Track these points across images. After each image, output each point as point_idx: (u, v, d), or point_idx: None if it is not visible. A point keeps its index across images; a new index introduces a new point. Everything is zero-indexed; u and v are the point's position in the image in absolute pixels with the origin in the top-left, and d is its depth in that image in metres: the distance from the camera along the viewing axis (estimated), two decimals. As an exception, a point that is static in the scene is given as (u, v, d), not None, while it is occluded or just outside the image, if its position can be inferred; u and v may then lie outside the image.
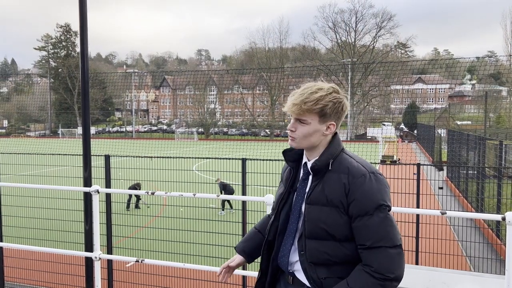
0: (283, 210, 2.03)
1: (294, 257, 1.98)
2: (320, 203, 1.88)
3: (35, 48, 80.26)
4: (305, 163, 2.00)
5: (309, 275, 1.91)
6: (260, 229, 2.28)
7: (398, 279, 1.81)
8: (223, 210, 13.41)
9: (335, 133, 2.00)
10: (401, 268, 1.82)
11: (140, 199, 14.23)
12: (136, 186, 13.58)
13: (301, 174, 2.02)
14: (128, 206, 13.78)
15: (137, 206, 14.07)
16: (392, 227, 1.83)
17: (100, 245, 4.08)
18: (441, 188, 16.78)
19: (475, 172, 12.89)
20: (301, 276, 1.96)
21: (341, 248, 1.86)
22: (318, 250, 1.88)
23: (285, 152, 2.06)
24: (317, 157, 1.94)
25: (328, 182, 1.88)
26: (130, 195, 13.84)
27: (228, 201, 13.35)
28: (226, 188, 13.46)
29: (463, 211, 12.64)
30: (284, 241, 2.01)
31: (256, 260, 2.31)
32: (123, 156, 8.22)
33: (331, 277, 1.88)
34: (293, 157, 2.04)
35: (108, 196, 6.04)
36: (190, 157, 7.40)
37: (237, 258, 2.26)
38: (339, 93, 1.95)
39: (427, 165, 7.44)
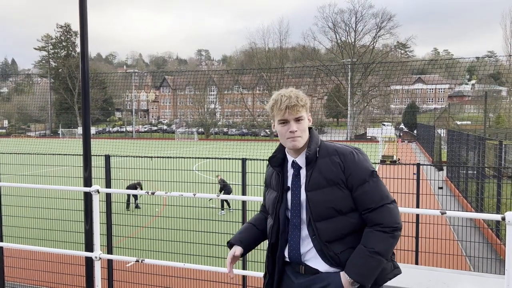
0: (281, 210, 2.22)
1: (305, 246, 2.16)
2: (321, 186, 2.10)
3: (35, 48, 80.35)
4: (293, 160, 2.21)
5: (325, 254, 2.10)
6: (254, 223, 2.44)
7: (401, 227, 2.14)
8: (222, 209, 13.43)
9: (311, 128, 2.24)
10: (400, 217, 2.14)
11: (137, 199, 14.20)
12: (137, 185, 13.58)
13: (291, 173, 2.22)
14: (128, 206, 13.78)
15: (137, 206, 14.06)
16: (384, 186, 2.14)
17: (100, 245, 4.08)
18: (441, 188, 16.79)
19: (475, 172, 12.89)
20: (314, 263, 2.14)
21: (348, 220, 2.10)
22: (330, 228, 2.09)
23: (270, 160, 2.28)
24: (305, 150, 2.17)
25: (322, 167, 2.12)
26: (129, 195, 13.83)
27: (226, 200, 13.39)
28: (225, 188, 13.49)
29: (463, 211, 12.64)
30: (290, 237, 2.19)
31: (255, 259, 2.34)
32: (123, 156, 8.22)
33: (345, 250, 2.10)
34: (277, 162, 2.26)
35: (108, 196, 6.05)
36: (190, 157, 7.40)
37: (238, 249, 2.35)
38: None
39: (427, 165, 7.45)
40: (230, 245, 2.39)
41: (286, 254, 2.22)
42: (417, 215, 6.25)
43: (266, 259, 2.30)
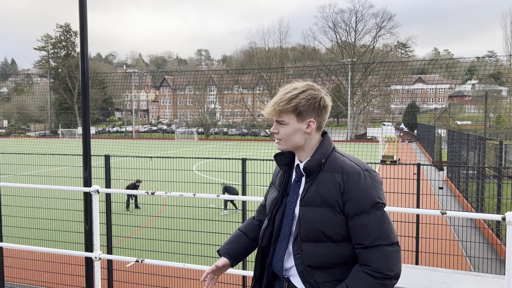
0: (277, 214, 1.99)
1: (289, 262, 1.95)
2: (315, 204, 1.85)
3: (35, 48, 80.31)
4: (297, 165, 1.98)
5: (306, 279, 1.87)
6: (245, 231, 2.24)
7: (397, 276, 1.81)
8: (225, 209, 13.44)
9: (325, 132, 2.02)
10: (399, 265, 1.82)
11: (137, 198, 14.20)
12: (136, 183, 13.60)
13: (293, 177, 1.99)
14: (127, 206, 13.78)
15: (137, 206, 14.06)
16: (389, 224, 1.82)
17: (100, 245, 4.08)
18: (441, 188, 16.79)
19: (475, 172, 12.89)
20: (296, 281, 1.92)
21: (338, 249, 1.84)
22: (315, 253, 1.84)
23: (276, 156, 2.04)
24: (309, 158, 1.93)
25: (321, 182, 1.86)
26: (129, 195, 13.84)
27: (232, 201, 13.39)
28: (228, 190, 13.48)
29: (463, 211, 12.64)
30: (278, 246, 1.98)
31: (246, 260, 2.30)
32: (123, 156, 8.22)
33: (329, 281, 1.85)
34: (285, 160, 2.02)
35: (108, 196, 6.04)
36: (190, 157, 7.40)
37: (222, 260, 2.17)
38: (315, 90, 1.93)
39: (427, 165, 7.44)
40: (218, 253, 2.22)
41: (273, 263, 2.02)
42: (418, 215, 6.25)
43: (255, 261, 2.09)
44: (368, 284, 1.76)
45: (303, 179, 1.94)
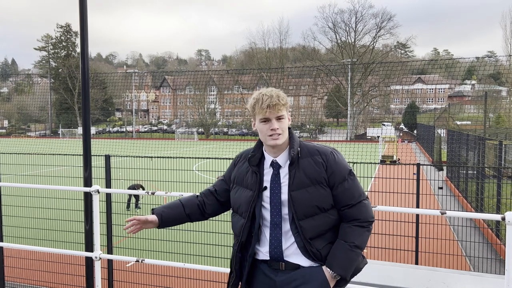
0: (256, 210, 2.25)
1: (287, 243, 2.21)
2: (305, 185, 2.18)
3: (35, 48, 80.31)
4: (273, 161, 2.27)
5: (308, 250, 2.17)
6: (184, 205, 2.47)
7: (374, 221, 2.29)
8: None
9: (289, 128, 2.32)
10: (373, 212, 2.30)
11: (138, 199, 14.21)
12: (136, 187, 13.58)
13: (268, 172, 2.27)
14: (128, 206, 13.78)
15: (137, 206, 14.06)
16: (359, 184, 2.29)
17: (100, 245, 4.08)
18: (441, 188, 16.79)
19: (475, 172, 12.89)
20: (295, 259, 2.21)
21: (329, 216, 2.21)
22: (313, 226, 2.17)
23: (250, 159, 2.31)
24: (284, 150, 2.25)
25: (305, 167, 2.20)
26: (130, 195, 13.83)
27: None
28: None
29: (463, 211, 12.64)
30: (271, 235, 2.23)
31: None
32: (123, 156, 8.22)
33: (325, 245, 2.20)
34: (255, 161, 2.30)
35: (108, 196, 6.04)
36: (190, 157, 7.40)
37: (153, 217, 2.42)
38: None
39: (427, 165, 7.44)
40: (152, 212, 2.45)
41: (262, 249, 2.26)
42: (417, 215, 6.24)
43: (232, 257, 2.33)
44: (360, 233, 2.18)
45: (282, 170, 2.24)
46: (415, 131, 53.07)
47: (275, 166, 2.26)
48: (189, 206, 2.48)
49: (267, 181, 2.26)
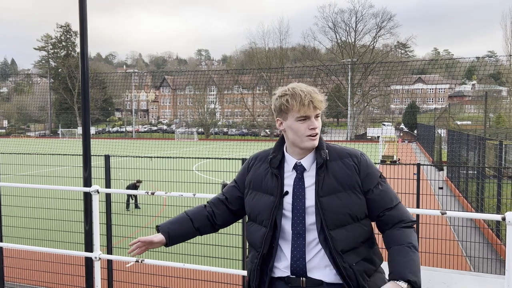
0: (278, 217, 2.01)
1: (310, 254, 1.97)
2: (336, 191, 1.96)
3: (35, 48, 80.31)
4: (297, 163, 2.04)
5: (340, 266, 1.92)
6: (192, 218, 2.24)
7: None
8: None
9: None
10: None
11: (137, 198, 14.20)
12: (137, 183, 13.61)
13: (291, 175, 2.04)
14: (127, 206, 13.78)
15: (137, 206, 14.06)
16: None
17: (100, 245, 4.07)
18: (441, 188, 16.78)
19: (475, 172, 12.89)
20: (318, 274, 1.96)
21: (362, 227, 1.99)
22: (345, 237, 1.94)
23: (272, 160, 2.07)
24: (310, 151, 2.04)
25: (334, 170, 1.99)
26: (129, 195, 13.83)
27: None
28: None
29: (463, 211, 12.64)
30: (293, 245, 1.98)
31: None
32: (123, 156, 8.22)
33: (359, 261, 1.95)
34: (276, 163, 2.07)
35: (108, 196, 6.04)
36: (190, 157, 7.40)
37: (159, 237, 2.19)
38: None
39: (427, 165, 7.45)
40: (157, 230, 2.22)
41: (280, 265, 2.02)
42: (418, 215, 6.24)
43: (252, 271, 2.07)
44: (410, 233, 1.96)
45: (307, 174, 2.02)
46: (415, 131, 53.08)
47: (299, 169, 2.03)
48: (198, 219, 2.24)
49: (289, 185, 2.03)
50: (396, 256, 1.90)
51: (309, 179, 2.01)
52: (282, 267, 2.01)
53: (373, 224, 2.12)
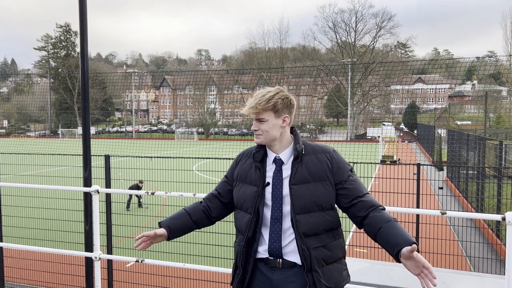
0: (260, 205, 2.27)
1: (286, 240, 2.22)
2: (306, 181, 2.22)
3: (35, 48, 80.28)
4: (276, 157, 2.32)
5: (299, 246, 2.17)
6: (190, 212, 2.49)
7: None
8: None
9: (293, 127, 2.39)
10: None
11: (141, 198, 14.23)
12: (139, 184, 13.64)
13: (271, 168, 2.32)
14: (128, 206, 13.78)
15: (140, 205, 14.07)
16: None
17: (100, 245, 4.08)
18: (441, 188, 16.79)
19: (475, 172, 12.89)
20: (292, 257, 2.21)
21: (326, 216, 2.22)
22: (308, 222, 2.18)
23: (255, 155, 2.36)
24: (288, 147, 2.32)
25: (308, 163, 2.25)
26: (130, 195, 13.84)
27: None
28: None
29: (463, 211, 12.63)
30: (271, 230, 2.24)
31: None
32: (123, 156, 8.21)
33: (318, 247, 2.19)
34: (259, 157, 2.35)
35: (108, 196, 6.04)
36: (190, 157, 7.40)
37: (161, 231, 2.41)
38: (285, 92, 2.34)
39: (427, 165, 7.44)
40: (159, 225, 2.45)
41: (260, 249, 2.27)
42: (417, 215, 6.24)
43: (238, 253, 2.33)
44: (387, 214, 2.18)
45: (285, 166, 2.29)
46: (415, 131, 53.07)
47: (278, 162, 2.31)
48: (195, 213, 2.50)
49: (269, 177, 2.30)
50: (392, 230, 2.08)
51: (286, 171, 2.28)
52: (262, 250, 2.27)
53: (347, 219, 2.37)
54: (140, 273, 7.27)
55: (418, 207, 6.37)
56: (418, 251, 2.00)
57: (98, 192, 3.56)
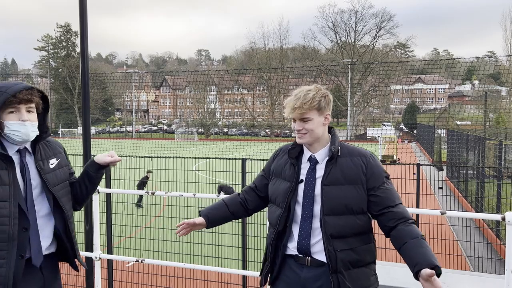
0: (292, 200, 2.29)
1: (314, 238, 2.24)
2: (338, 183, 2.21)
3: (35, 48, 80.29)
4: (311, 155, 2.33)
5: (325, 248, 2.18)
6: (228, 204, 2.56)
7: None
8: None
9: (332, 127, 2.39)
10: None
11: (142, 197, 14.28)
12: (148, 174, 13.97)
13: (305, 166, 2.33)
14: (139, 203, 14.01)
15: (139, 205, 14.09)
16: None
17: (100, 245, 4.08)
18: (441, 188, 16.78)
19: (475, 172, 12.89)
20: (320, 256, 2.22)
21: (356, 220, 2.21)
22: (337, 224, 2.18)
23: (290, 151, 2.38)
24: (324, 146, 2.31)
25: (343, 165, 2.24)
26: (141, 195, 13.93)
27: None
28: (224, 190, 13.47)
29: (463, 211, 12.63)
30: (301, 227, 2.27)
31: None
32: (123, 156, 8.21)
33: (345, 249, 2.18)
34: (294, 154, 2.36)
35: (108, 196, 6.04)
36: (190, 157, 7.41)
37: (200, 219, 2.51)
38: (323, 89, 2.35)
39: (427, 165, 7.45)
40: (199, 214, 2.54)
41: (290, 245, 2.30)
42: (417, 215, 6.24)
43: (268, 246, 2.37)
44: (415, 228, 2.15)
45: (319, 166, 2.29)
46: (415, 131, 53.09)
47: (313, 161, 2.32)
48: (232, 204, 2.57)
49: (303, 175, 2.32)
50: (416, 248, 2.05)
51: (320, 170, 2.28)
52: (292, 247, 2.30)
53: (376, 225, 2.29)
54: (140, 273, 7.28)
55: (418, 207, 6.38)
56: (439, 275, 1.95)
57: (98, 192, 3.56)
